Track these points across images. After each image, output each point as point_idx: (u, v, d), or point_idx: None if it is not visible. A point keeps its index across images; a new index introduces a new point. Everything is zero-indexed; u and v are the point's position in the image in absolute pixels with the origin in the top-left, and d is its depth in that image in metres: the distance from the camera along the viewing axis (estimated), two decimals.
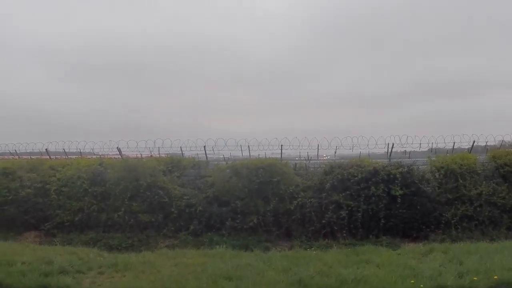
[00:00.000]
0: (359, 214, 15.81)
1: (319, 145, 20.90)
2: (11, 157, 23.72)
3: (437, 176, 16.94)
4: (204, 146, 21.07)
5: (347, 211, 15.89)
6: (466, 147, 20.66)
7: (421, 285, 9.64)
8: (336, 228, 15.92)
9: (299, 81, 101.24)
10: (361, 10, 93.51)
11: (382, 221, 15.76)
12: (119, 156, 21.20)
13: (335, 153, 21.93)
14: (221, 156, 23.51)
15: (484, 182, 16.58)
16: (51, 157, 22.54)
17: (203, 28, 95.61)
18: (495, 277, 9.82)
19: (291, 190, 16.72)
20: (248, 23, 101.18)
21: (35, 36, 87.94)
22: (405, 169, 16.64)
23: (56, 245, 15.57)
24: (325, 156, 23.74)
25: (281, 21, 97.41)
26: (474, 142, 20.42)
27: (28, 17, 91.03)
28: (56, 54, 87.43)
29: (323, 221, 16.00)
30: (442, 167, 16.87)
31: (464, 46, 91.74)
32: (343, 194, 16.18)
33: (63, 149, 22.68)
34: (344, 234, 15.83)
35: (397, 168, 16.52)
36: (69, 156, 22.63)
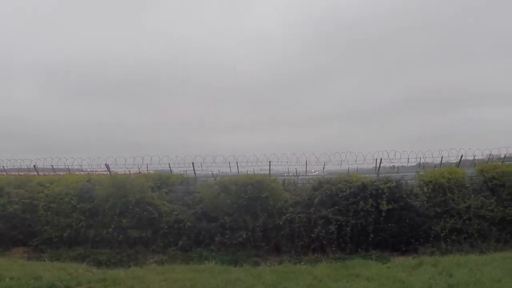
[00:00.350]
0: (348, 228, 15.80)
1: (308, 161, 20.99)
2: None
3: (425, 190, 16.99)
4: (193, 163, 21.11)
5: (336, 226, 15.87)
6: (454, 161, 20.80)
7: None
8: (325, 242, 15.90)
9: (287, 97, 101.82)
10: (346, 28, 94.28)
11: (371, 235, 15.75)
12: (108, 172, 21.18)
13: (324, 168, 22.02)
14: (210, 173, 23.56)
15: (472, 195, 16.63)
16: (39, 173, 22.53)
17: (192, 45, 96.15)
18: None
19: (280, 206, 16.69)
20: (238, 40, 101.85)
21: (24, 54, 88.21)
22: (394, 184, 16.64)
23: (44, 260, 15.50)
24: (313, 172, 23.79)
25: (271, 38, 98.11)
26: (462, 156, 20.55)
27: (22, 35, 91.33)
28: (44, 74, 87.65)
29: (312, 236, 15.98)
30: (431, 181, 16.93)
31: (452, 62, 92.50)
32: (332, 209, 16.18)
33: (51, 165, 22.68)
34: (334, 249, 15.80)
35: (386, 183, 16.51)
36: (57, 173, 22.65)
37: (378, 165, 20.64)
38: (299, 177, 21.31)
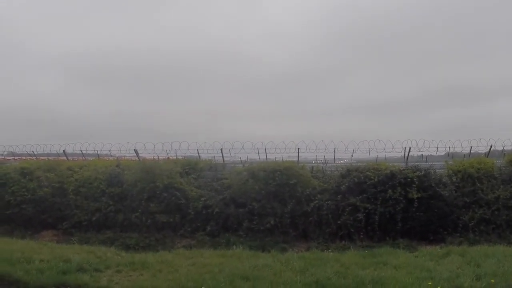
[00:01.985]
0: (376, 216, 15.70)
1: (336, 149, 20.90)
2: (29, 158, 23.89)
3: (454, 180, 16.86)
4: (221, 149, 21.14)
5: (364, 214, 15.81)
6: (483, 151, 20.59)
7: (438, 287, 9.60)
8: (353, 230, 15.88)
9: (315, 88, 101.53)
10: (372, 20, 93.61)
11: (399, 224, 15.64)
12: (136, 158, 21.28)
13: (352, 156, 21.94)
14: (238, 159, 23.52)
15: (501, 186, 16.39)
16: (69, 158, 22.69)
17: (223, 37, 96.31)
18: None
19: (308, 193, 16.70)
20: (264, 32, 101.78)
21: (54, 44, 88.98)
22: (422, 173, 16.52)
23: (73, 244, 15.62)
24: (342, 160, 23.71)
25: (294, 31, 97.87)
26: (491, 146, 20.35)
27: (51, 28, 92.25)
28: (76, 60, 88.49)
29: (340, 223, 15.99)
30: (459, 171, 16.76)
31: (479, 54, 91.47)
32: (360, 196, 16.10)
33: (81, 150, 22.84)
34: (361, 236, 15.80)
35: (414, 172, 16.39)
36: (86, 158, 22.79)
37: (407, 153, 20.55)
38: (328, 165, 21.23)
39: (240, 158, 23.53)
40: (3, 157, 26.13)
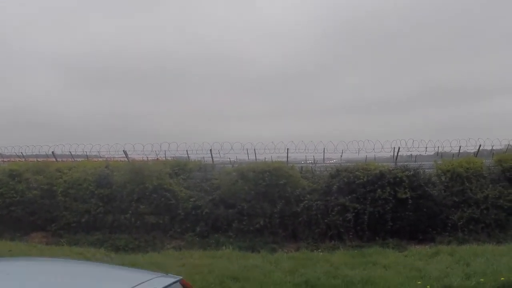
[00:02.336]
0: (366, 216, 15.75)
1: (325, 149, 20.99)
2: (17, 159, 23.85)
3: (443, 179, 16.94)
4: (210, 150, 21.15)
5: (353, 214, 15.86)
6: (472, 151, 20.71)
7: (428, 286, 9.68)
8: (342, 230, 15.92)
9: (304, 87, 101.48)
10: (365, 18, 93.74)
11: (389, 224, 15.71)
12: (126, 159, 21.28)
13: (341, 156, 21.99)
14: (227, 160, 23.56)
15: (490, 185, 16.51)
16: (58, 159, 22.66)
17: (208, 36, 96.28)
18: (502, 278, 9.85)
19: (297, 193, 16.74)
20: (253, 31, 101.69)
21: (41, 44, 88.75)
22: (411, 172, 16.58)
23: (63, 245, 15.68)
24: (331, 160, 23.78)
25: (285, 28, 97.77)
26: (480, 146, 20.46)
27: (37, 27, 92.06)
28: (63, 61, 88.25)
29: (330, 223, 16.01)
30: (448, 171, 16.85)
31: (469, 52, 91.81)
32: (349, 196, 16.16)
33: (70, 152, 22.81)
34: (351, 236, 15.84)
35: (404, 171, 16.47)
36: (75, 159, 22.78)
37: (396, 153, 20.64)
38: (317, 165, 21.30)
39: (230, 158, 23.57)
40: None
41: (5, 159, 25.67)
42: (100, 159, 22.68)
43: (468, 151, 20.95)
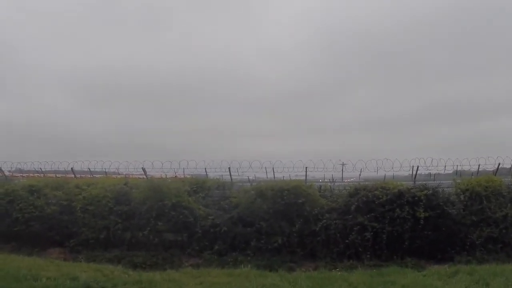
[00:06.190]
0: (384, 235, 15.66)
1: (344, 167, 20.95)
2: (36, 175, 24.00)
3: (462, 198, 16.79)
4: (229, 168, 21.21)
5: (372, 233, 15.78)
6: (491, 169, 20.55)
7: None
8: (360, 249, 15.84)
9: (321, 106, 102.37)
10: (378, 40, 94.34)
11: (407, 243, 15.62)
12: (144, 176, 21.38)
13: (360, 175, 21.97)
14: (246, 178, 23.58)
15: (509, 204, 16.28)
16: (77, 176, 22.77)
17: (230, 57, 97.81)
18: None
19: (316, 212, 16.69)
20: (270, 54, 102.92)
21: (63, 68, 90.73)
22: (430, 192, 16.45)
23: (80, 261, 15.77)
24: (350, 179, 23.74)
25: (299, 51, 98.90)
26: (499, 164, 20.31)
27: (59, 50, 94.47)
28: (85, 79, 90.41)
29: (348, 242, 15.94)
30: (467, 189, 16.70)
31: (488, 70, 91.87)
32: (368, 216, 16.07)
33: (88, 168, 22.94)
34: (369, 256, 15.73)
35: (422, 191, 16.33)
36: (94, 175, 22.87)
37: (414, 172, 20.55)
38: (336, 184, 21.25)
39: (248, 177, 23.64)
40: (11, 174, 26.22)
41: (24, 175, 25.86)
42: (119, 176, 22.81)
43: (487, 169, 20.80)
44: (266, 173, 21.44)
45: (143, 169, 21.27)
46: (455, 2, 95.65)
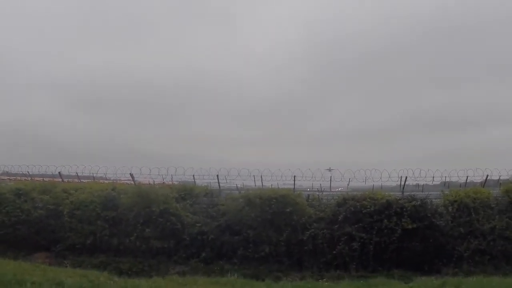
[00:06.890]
0: (371, 246, 15.67)
1: (332, 177, 20.97)
2: (24, 178, 23.86)
3: (450, 210, 16.76)
4: (217, 175, 21.20)
5: (359, 243, 15.76)
6: (479, 181, 20.63)
7: None
8: (347, 259, 15.82)
9: (309, 116, 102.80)
10: (364, 50, 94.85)
11: (394, 254, 15.64)
12: (132, 181, 21.28)
13: (348, 185, 21.94)
14: (234, 185, 23.53)
15: (497, 216, 16.37)
16: (64, 180, 22.68)
17: (218, 67, 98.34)
18: None
19: (303, 221, 16.68)
20: (258, 65, 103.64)
21: (51, 72, 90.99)
22: (418, 203, 16.46)
23: (66, 266, 15.72)
24: (338, 188, 23.73)
25: (286, 61, 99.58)
26: (487, 176, 20.37)
27: (46, 56, 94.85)
28: (75, 85, 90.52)
29: (335, 253, 15.92)
30: (455, 201, 16.70)
31: (479, 81, 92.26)
32: (356, 226, 16.06)
33: (76, 172, 22.88)
34: (356, 266, 15.71)
35: (410, 202, 16.38)
36: (81, 180, 22.79)
37: (403, 183, 20.55)
38: (324, 193, 21.24)
39: (236, 184, 23.58)
40: None
41: (11, 178, 25.69)
42: (106, 181, 22.70)
43: (475, 181, 20.89)
44: (255, 181, 21.47)
45: (131, 175, 21.23)
46: (436, 12, 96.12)
